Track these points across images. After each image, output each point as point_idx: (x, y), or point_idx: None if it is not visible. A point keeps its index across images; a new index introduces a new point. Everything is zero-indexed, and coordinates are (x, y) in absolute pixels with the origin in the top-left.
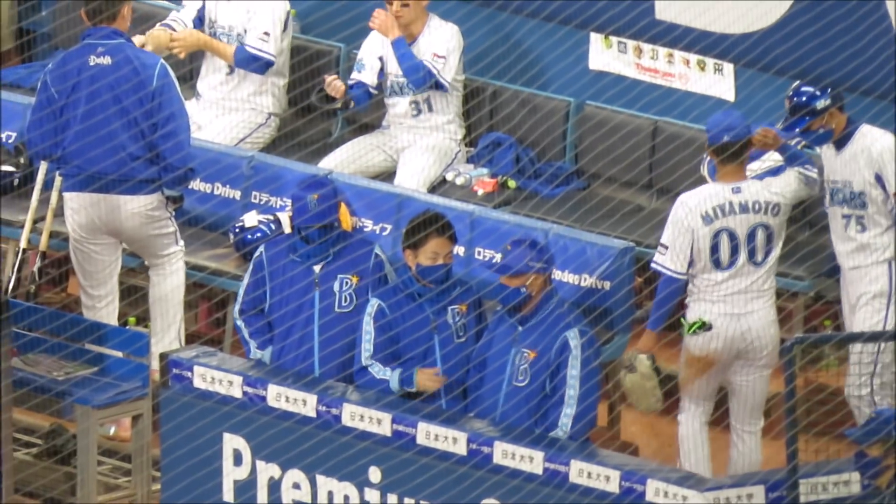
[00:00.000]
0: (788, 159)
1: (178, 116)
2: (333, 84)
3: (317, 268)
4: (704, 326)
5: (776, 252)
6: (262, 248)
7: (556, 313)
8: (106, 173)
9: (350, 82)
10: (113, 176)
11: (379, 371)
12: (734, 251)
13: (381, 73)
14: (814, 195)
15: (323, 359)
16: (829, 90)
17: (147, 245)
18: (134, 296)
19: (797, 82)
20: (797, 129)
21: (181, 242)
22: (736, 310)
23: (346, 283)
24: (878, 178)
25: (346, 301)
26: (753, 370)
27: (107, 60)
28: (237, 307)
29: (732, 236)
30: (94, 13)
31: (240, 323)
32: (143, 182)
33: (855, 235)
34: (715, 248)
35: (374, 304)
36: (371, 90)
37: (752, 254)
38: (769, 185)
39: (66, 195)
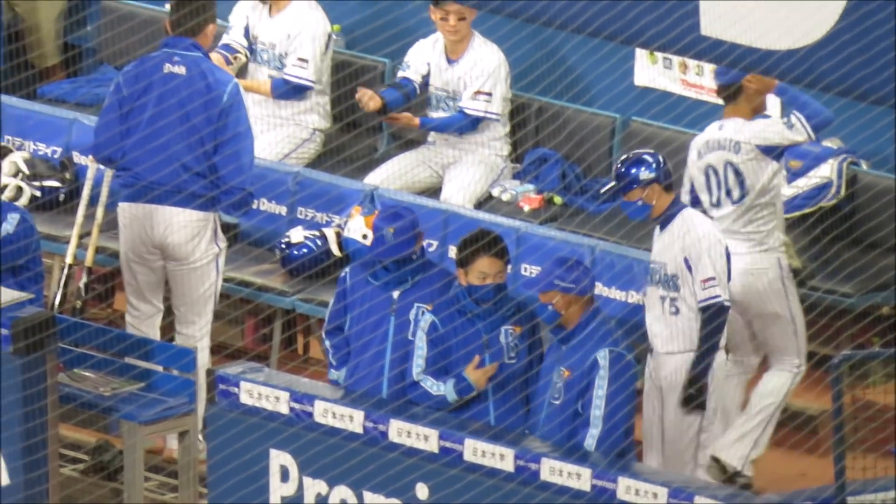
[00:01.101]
0: (785, 103)
1: (243, 138)
2: (366, 103)
3: (395, 293)
4: None
5: (752, 196)
6: (347, 269)
7: (596, 333)
8: (160, 184)
9: (396, 79)
10: (166, 187)
11: (432, 385)
12: (718, 187)
13: (427, 78)
14: (796, 140)
15: (391, 383)
16: (661, 165)
17: (186, 282)
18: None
19: (635, 153)
20: (617, 195)
21: (209, 314)
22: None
23: (422, 312)
24: (687, 263)
25: (423, 332)
26: (764, 319)
27: (181, 70)
28: (324, 325)
29: (716, 172)
30: (178, 24)
31: (326, 343)
32: (195, 195)
33: (670, 319)
34: (706, 183)
35: (427, 318)
36: (416, 87)
37: (728, 191)
38: (745, 125)
39: (120, 206)
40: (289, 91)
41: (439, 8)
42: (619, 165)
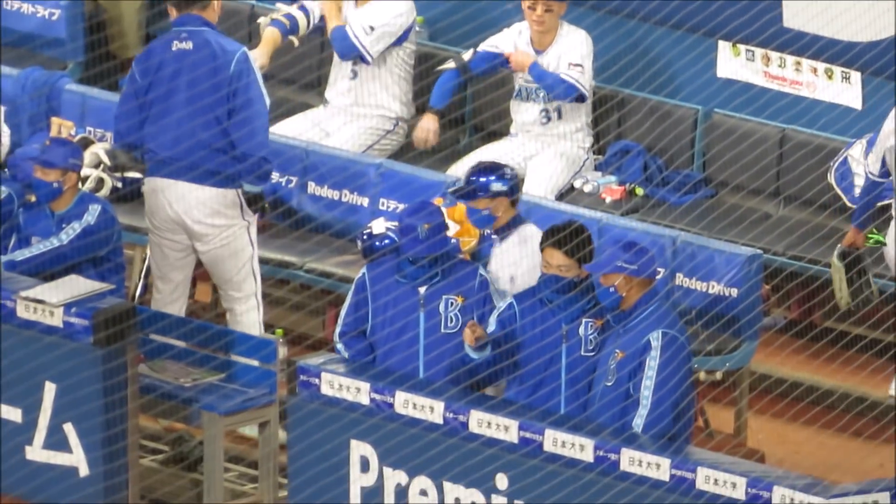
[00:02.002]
0: None
1: (254, 104)
2: (428, 140)
3: (421, 289)
4: (879, 243)
5: None
6: (364, 270)
7: (652, 315)
8: (178, 159)
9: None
10: (184, 162)
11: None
12: None
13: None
14: None
15: (429, 378)
16: (513, 179)
17: (219, 262)
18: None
19: (491, 162)
20: (466, 201)
21: (258, 282)
22: None
23: (452, 303)
24: (512, 280)
25: (451, 321)
26: None
27: (188, 45)
28: (337, 330)
29: None
30: (182, 2)
31: (339, 346)
32: (212, 172)
33: None
34: None
35: (506, 302)
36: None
37: None
38: None
39: (145, 180)
40: (341, 46)
41: None
42: (473, 170)
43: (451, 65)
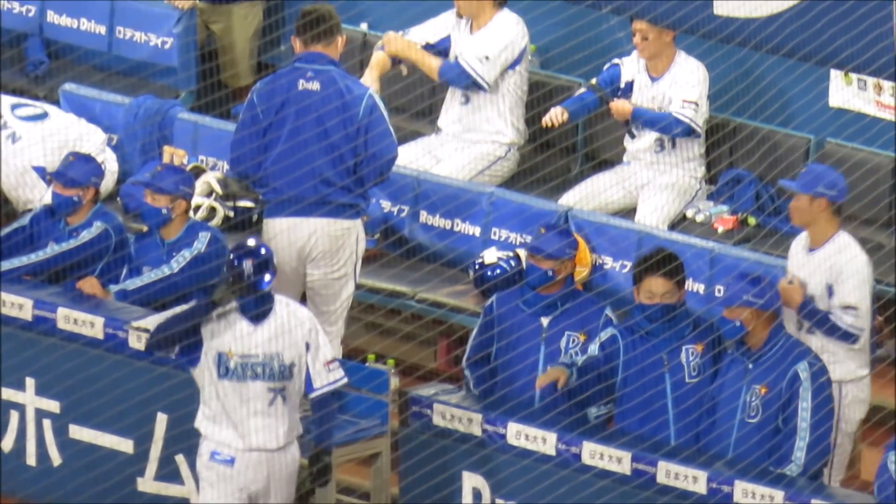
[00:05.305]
0: None
1: (384, 153)
2: (558, 118)
3: (545, 320)
4: None
5: None
6: (493, 298)
7: (785, 347)
8: (303, 197)
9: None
10: (311, 199)
11: None
12: None
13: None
14: None
15: (544, 410)
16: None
17: (328, 290)
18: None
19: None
20: None
21: (342, 323)
22: None
23: (574, 340)
24: (308, 348)
25: (569, 359)
26: None
27: (315, 86)
28: (466, 355)
29: None
30: (308, 37)
31: (467, 372)
32: (342, 206)
33: (280, 409)
34: None
35: (609, 334)
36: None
37: None
38: None
39: (265, 222)
40: (454, 76)
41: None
42: None
43: (583, 89)
